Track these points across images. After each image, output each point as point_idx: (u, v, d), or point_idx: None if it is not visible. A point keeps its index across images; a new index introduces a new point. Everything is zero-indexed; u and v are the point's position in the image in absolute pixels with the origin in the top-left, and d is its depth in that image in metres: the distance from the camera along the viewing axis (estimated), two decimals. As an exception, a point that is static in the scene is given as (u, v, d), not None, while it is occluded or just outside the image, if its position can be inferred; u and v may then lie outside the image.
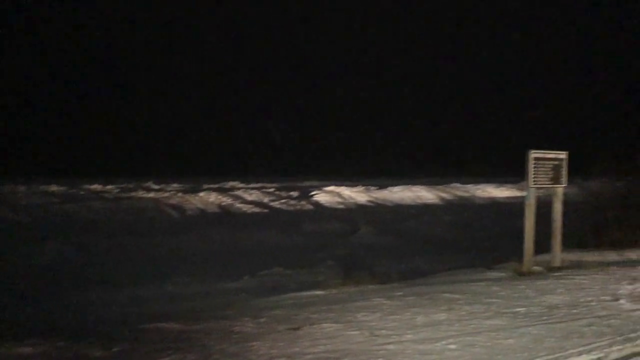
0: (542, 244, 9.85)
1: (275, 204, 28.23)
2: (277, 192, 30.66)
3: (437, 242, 18.37)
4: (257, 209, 27.06)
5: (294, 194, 30.46)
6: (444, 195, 33.01)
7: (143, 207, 25.58)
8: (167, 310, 8.15)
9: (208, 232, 19.51)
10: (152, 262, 13.76)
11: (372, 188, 32.64)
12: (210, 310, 7.64)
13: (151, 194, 28.26)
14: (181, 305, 8.98)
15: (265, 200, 28.93)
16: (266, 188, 31.94)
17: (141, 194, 28.43)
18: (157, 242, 17.03)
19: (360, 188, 32.28)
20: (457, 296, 7.25)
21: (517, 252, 9.40)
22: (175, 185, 32.22)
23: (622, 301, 7.14)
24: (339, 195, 30.58)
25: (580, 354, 5.36)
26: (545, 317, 6.44)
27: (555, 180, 9.14)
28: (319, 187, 31.82)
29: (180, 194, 28.23)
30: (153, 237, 17.95)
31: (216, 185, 32.80)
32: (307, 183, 35.23)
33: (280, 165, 43.69)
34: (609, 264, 9.41)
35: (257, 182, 34.41)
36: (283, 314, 6.66)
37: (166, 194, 28.26)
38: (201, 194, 28.45)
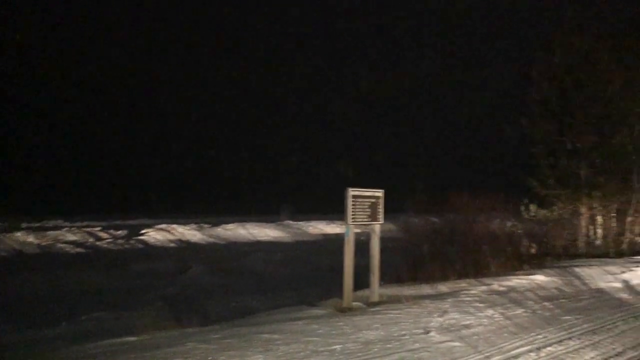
0: (366, 279, 10.11)
1: (102, 244, 26.95)
2: (104, 231, 29.27)
3: (270, 279, 18.36)
4: (81, 249, 25.62)
5: (122, 232, 29.23)
6: (276, 232, 33.31)
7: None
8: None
9: (24, 274, 18.12)
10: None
11: (205, 225, 32.19)
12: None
13: (-43, 234, 25.85)
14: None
15: (91, 239, 27.51)
16: (92, 227, 30.37)
17: (-55, 233, 25.91)
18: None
19: (193, 226, 31.70)
20: (275, 336, 7.16)
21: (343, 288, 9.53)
22: (-12, 224, 29.65)
23: (432, 333, 7.43)
24: (170, 233, 29.79)
25: (388, 389, 5.46)
26: (360, 354, 6.52)
27: (373, 217, 9.43)
28: (149, 226, 30.82)
29: (-7, 234, 26.04)
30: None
31: (37, 224, 30.74)
32: (137, 221, 34.02)
33: (109, 203, 41.82)
34: (423, 297, 9.82)
35: (83, 220, 32.70)
36: (87, 365, 6.17)
37: (-24, 234, 25.97)
38: (18, 233, 26.45)
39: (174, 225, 30.97)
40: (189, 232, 30.49)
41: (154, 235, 28.87)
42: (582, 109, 17.69)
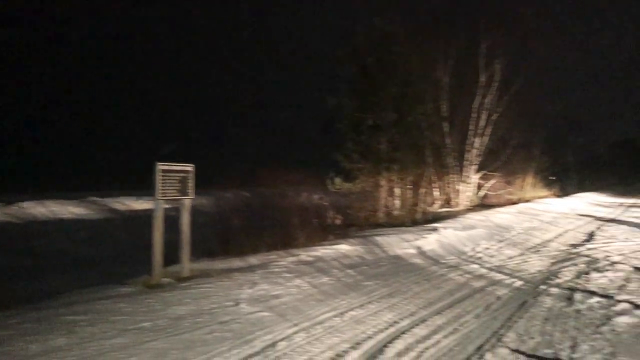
0: (178, 255, 9.97)
1: None
2: None
3: (73, 259, 17.46)
4: None
5: None
6: (80, 209, 31.57)
7: None
8: None
9: None
10: None
11: (-2, 204, 29.62)
12: None
13: None
14: None
15: None
16: None
17: None
18: None
19: (-16, 204, 29.02)
20: (80, 317, 6.85)
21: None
22: None
23: (242, 305, 7.57)
24: (-45, 213, 26.99)
25: (199, 362, 5.49)
26: (170, 329, 6.47)
27: (183, 192, 9.31)
28: None
29: None
30: None
31: None
32: None
33: None
34: (233, 270, 9.92)
35: None
36: None
37: None
38: None
39: (-41, 205, 28.14)
40: (-21, 212, 27.87)
41: None
42: (383, 88, 18.83)
